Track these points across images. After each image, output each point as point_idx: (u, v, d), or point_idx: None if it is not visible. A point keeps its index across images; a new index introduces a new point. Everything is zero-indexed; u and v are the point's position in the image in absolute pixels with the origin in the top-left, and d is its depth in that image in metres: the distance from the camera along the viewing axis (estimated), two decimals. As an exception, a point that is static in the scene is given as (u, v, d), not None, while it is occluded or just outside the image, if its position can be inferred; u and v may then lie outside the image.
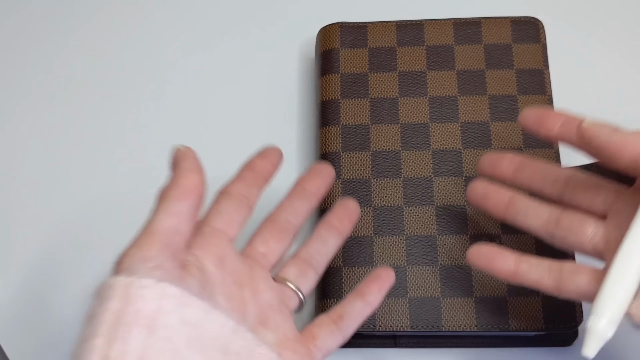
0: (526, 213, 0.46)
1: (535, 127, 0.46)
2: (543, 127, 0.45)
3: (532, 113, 0.46)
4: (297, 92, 0.60)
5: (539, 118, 0.46)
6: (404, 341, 0.51)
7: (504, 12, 0.61)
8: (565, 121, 0.45)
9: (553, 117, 0.45)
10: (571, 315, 0.49)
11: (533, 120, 0.46)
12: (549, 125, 0.45)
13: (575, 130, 0.43)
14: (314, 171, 0.50)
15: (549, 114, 0.45)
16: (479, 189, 0.48)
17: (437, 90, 0.56)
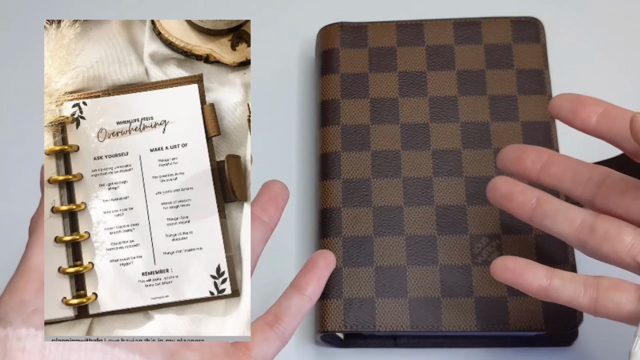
0: (555, 217, 0.42)
1: (569, 116, 0.41)
2: (578, 117, 0.41)
3: (566, 99, 0.41)
4: (297, 92, 0.60)
5: (574, 105, 0.41)
6: (404, 341, 0.51)
7: (504, 12, 0.61)
8: (605, 112, 0.40)
9: (590, 106, 0.41)
10: (571, 315, 0.49)
11: (567, 108, 0.41)
12: (585, 115, 0.40)
13: (628, 123, 0.38)
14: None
15: (585, 101, 0.41)
16: (502, 187, 0.43)
17: (437, 90, 0.56)
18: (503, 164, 0.44)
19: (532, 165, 0.43)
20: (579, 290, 0.40)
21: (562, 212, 0.41)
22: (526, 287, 0.41)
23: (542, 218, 0.42)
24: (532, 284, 0.41)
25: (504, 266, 0.41)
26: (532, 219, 0.42)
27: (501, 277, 0.41)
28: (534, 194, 0.42)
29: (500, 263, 0.42)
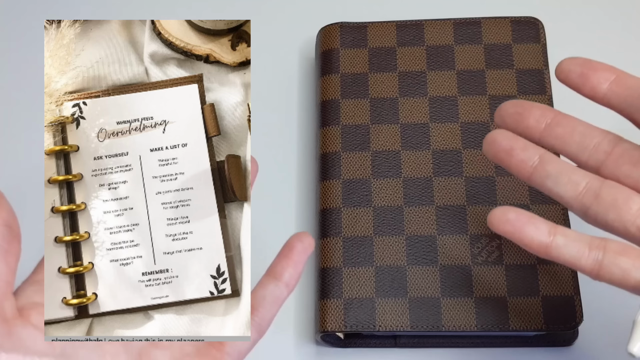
0: (558, 178, 0.38)
1: (578, 81, 0.38)
2: (588, 83, 0.38)
3: (576, 63, 0.39)
4: (297, 92, 0.60)
5: (585, 70, 0.38)
6: (404, 341, 0.51)
7: (504, 12, 0.61)
8: (618, 79, 0.38)
9: (602, 72, 0.38)
10: (571, 315, 0.49)
11: (576, 72, 0.39)
12: (596, 81, 0.38)
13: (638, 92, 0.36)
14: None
15: (597, 66, 0.38)
16: (502, 141, 0.39)
17: (437, 90, 0.56)
18: (502, 119, 0.40)
19: (535, 124, 0.39)
20: (582, 251, 0.37)
21: (565, 174, 0.38)
22: (526, 242, 0.38)
23: (543, 178, 0.39)
24: (533, 240, 0.37)
25: (504, 217, 0.38)
26: (531, 178, 0.39)
27: (499, 229, 0.38)
28: (536, 152, 0.39)
29: (499, 213, 0.38)
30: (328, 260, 0.51)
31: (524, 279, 0.50)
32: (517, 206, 0.51)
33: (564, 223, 0.51)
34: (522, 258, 0.50)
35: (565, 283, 0.49)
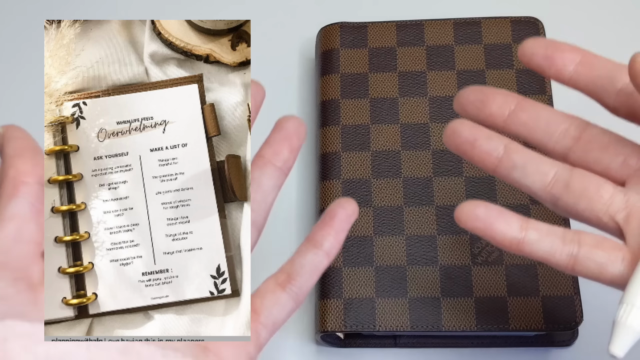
0: (525, 169, 0.37)
1: (542, 63, 0.37)
2: (553, 65, 0.37)
3: (539, 44, 0.37)
4: (297, 92, 0.60)
5: (549, 51, 0.37)
6: (404, 341, 0.51)
7: (504, 12, 0.61)
8: (584, 60, 0.37)
9: (567, 53, 0.36)
10: (571, 315, 0.49)
11: (540, 54, 0.37)
12: (561, 62, 0.36)
13: (610, 72, 0.35)
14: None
15: (561, 47, 0.37)
16: (464, 132, 0.37)
17: (437, 90, 0.56)
18: (462, 107, 0.38)
19: (498, 111, 0.37)
20: (556, 246, 0.35)
21: (532, 164, 0.37)
22: (498, 238, 0.36)
23: (509, 170, 0.37)
24: (505, 236, 0.36)
25: (473, 213, 0.36)
26: (497, 169, 0.37)
27: (468, 225, 0.36)
28: (500, 142, 0.37)
29: (468, 209, 0.36)
30: (328, 260, 0.51)
31: (524, 279, 0.50)
32: (518, 206, 0.51)
33: (563, 223, 0.51)
34: (522, 258, 0.50)
35: (565, 283, 0.49)
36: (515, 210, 0.51)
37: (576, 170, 0.37)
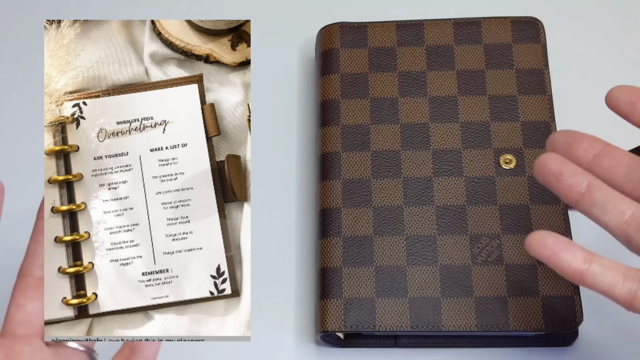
0: (605, 207, 0.39)
1: (626, 109, 0.40)
2: (636, 112, 0.40)
3: (625, 92, 0.40)
4: (297, 92, 0.60)
5: (634, 98, 0.39)
6: (404, 341, 0.51)
7: (504, 12, 0.61)
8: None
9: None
10: (571, 315, 0.49)
11: (624, 101, 0.40)
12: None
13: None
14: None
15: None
16: (552, 166, 0.40)
17: (437, 90, 0.56)
18: (552, 148, 0.41)
19: (583, 154, 0.40)
20: (617, 280, 0.38)
21: (612, 202, 0.39)
22: (562, 268, 0.38)
23: (590, 205, 0.39)
24: (569, 266, 0.38)
25: (542, 242, 0.39)
26: (578, 204, 0.40)
27: (537, 253, 0.39)
28: (585, 178, 0.39)
29: (538, 238, 0.39)
30: (328, 260, 0.51)
31: (524, 279, 0.50)
32: (518, 206, 0.51)
33: (563, 224, 0.51)
34: (522, 258, 0.50)
35: (565, 283, 0.49)
36: (515, 210, 0.52)
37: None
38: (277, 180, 0.57)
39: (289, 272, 0.54)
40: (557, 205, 0.51)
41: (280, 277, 0.54)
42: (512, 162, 0.53)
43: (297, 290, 0.54)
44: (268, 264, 0.54)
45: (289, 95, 0.60)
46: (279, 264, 0.55)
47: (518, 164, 0.53)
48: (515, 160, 0.53)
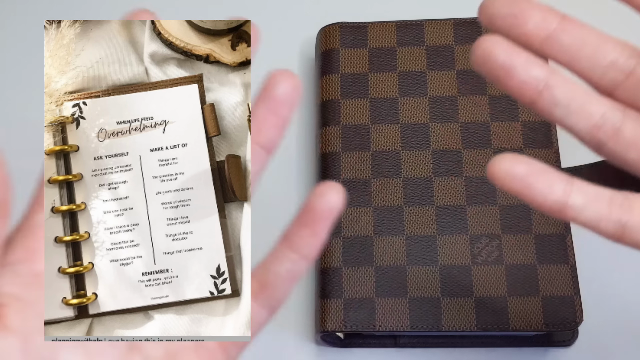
0: (568, 107, 0.31)
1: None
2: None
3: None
4: (297, 92, 0.60)
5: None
6: (404, 341, 0.51)
7: (504, 12, 0.61)
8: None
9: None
10: (571, 315, 0.49)
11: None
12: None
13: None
14: None
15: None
16: (500, 55, 0.31)
17: (437, 90, 0.56)
18: (489, 19, 0.32)
19: (535, 30, 0.32)
20: (603, 212, 0.31)
21: (577, 102, 0.31)
22: (538, 200, 0.31)
23: (550, 106, 0.32)
24: (547, 198, 0.31)
25: (511, 173, 0.31)
26: (536, 104, 0.32)
27: (505, 185, 0.31)
28: (542, 71, 0.31)
29: (505, 166, 0.31)
30: (328, 260, 0.51)
31: (524, 279, 0.50)
32: (518, 206, 0.51)
33: (563, 224, 0.51)
34: (522, 258, 0.50)
35: (565, 283, 0.49)
36: (515, 210, 0.52)
37: (629, 113, 0.32)
38: (277, 180, 0.57)
39: (289, 272, 0.54)
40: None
41: (280, 277, 0.54)
42: (512, 162, 0.53)
43: (297, 290, 0.54)
44: (268, 264, 0.54)
45: (289, 95, 0.60)
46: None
47: (518, 164, 0.53)
48: (515, 160, 0.53)
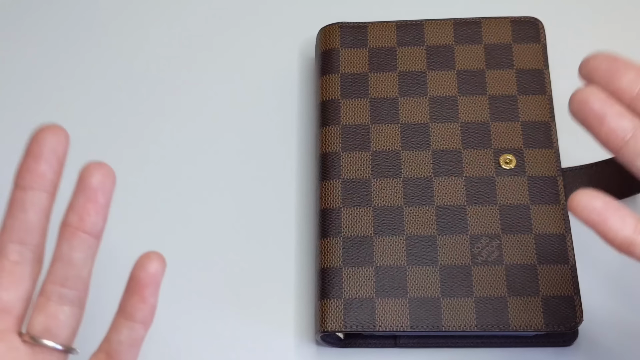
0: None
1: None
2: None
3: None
4: (297, 92, 0.60)
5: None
6: (404, 341, 0.51)
7: (504, 12, 0.61)
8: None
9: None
10: (571, 315, 0.49)
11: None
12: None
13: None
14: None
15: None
16: (596, 104, 0.34)
17: (437, 90, 0.56)
18: (588, 74, 0.35)
19: (628, 87, 0.34)
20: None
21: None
22: (610, 236, 0.34)
23: (634, 156, 0.34)
24: (617, 234, 0.33)
25: (590, 205, 0.33)
26: (621, 152, 0.34)
27: (582, 217, 0.34)
28: (631, 123, 0.33)
29: (585, 200, 0.33)
30: (328, 260, 0.51)
31: (524, 279, 0.50)
32: (517, 206, 0.52)
33: (563, 224, 0.51)
34: (522, 258, 0.50)
35: (565, 283, 0.49)
36: (515, 210, 0.52)
37: None
38: (277, 180, 0.57)
39: (289, 272, 0.54)
40: (557, 205, 0.51)
41: (280, 277, 0.54)
42: (512, 162, 0.53)
43: (297, 290, 0.54)
44: (268, 264, 0.54)
45: (289, 95, 0.60)
46: (278, 263, 0.54)
47: (518, 164, 0.53)
48: (515, 160, 0.53)
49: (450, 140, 0.54)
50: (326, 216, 0.52)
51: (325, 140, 0.55)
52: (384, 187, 0.53)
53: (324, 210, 0.53)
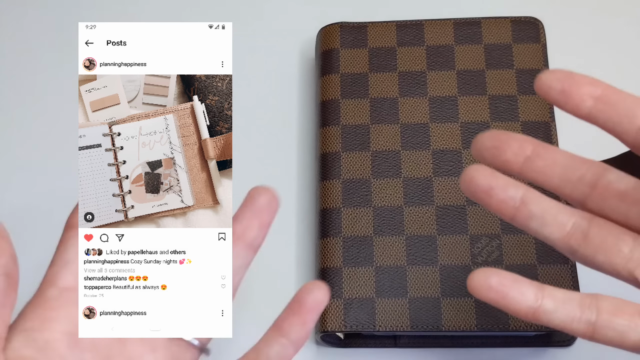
0: (543, 220, 0.35)
1: (559, 98, 0.35)
2: (570, 101, 0.35)
3: (554, 77, 0.35)
4: (297, 92, 0.60)
5: (566, 85, 0.35)
6: (404, 341, 0.51)
7: (504, 12, 0.61)
8: (603, 95, 0.35)
9: (585, 87, 0.34)
10: (571, 315, 0.49)
11: (556, 90, 0.35)
12: (577, 97, 0.34)
13: (630, 109, 0.33)
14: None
15: (580, 80, 0.35)
16: (480, 180, 0.36)
17: (437, 90, 0.56)
18: (479, 153, 0.37)
19: (513, 158, 0.36)
20: (573, 314, 0.34)
21: (550, 214, 0.35)
22: (512, 308, 0.34)
23: (527, 220, 0.36)
24: (520, 306, 0.34)
25: (486, 284, 0.34)
26: (515, 219, 0.36)
27: (482, 296, 0.35)
28: (517, 191, 0.35)
29: (480, 279, 0.35)
30: (328, 260, 0.51)
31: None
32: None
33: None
34: (522, 258, 0.50)
35: (565, 283, 0.49)
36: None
37: (595, 220, 0.35)
38: (277, 180, 0.57)
39: (289, 272, 0.54)
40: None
41: (281, 277, 0.54)
42: (512, 162, 0.53)
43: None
44: (268, 264, 0.54)
45: (289, 95, 0.60)
46: (278, 264, 0.55)
47: (518, 164, 0.53)
48: (515, 160, 0.53)
49: (450, 140, 0.54)
50: (326, 216, 0.53)
51: (326, 140, 0.55)
52: (384, 187, 0.53)
53: (324, 210, 0.53)
